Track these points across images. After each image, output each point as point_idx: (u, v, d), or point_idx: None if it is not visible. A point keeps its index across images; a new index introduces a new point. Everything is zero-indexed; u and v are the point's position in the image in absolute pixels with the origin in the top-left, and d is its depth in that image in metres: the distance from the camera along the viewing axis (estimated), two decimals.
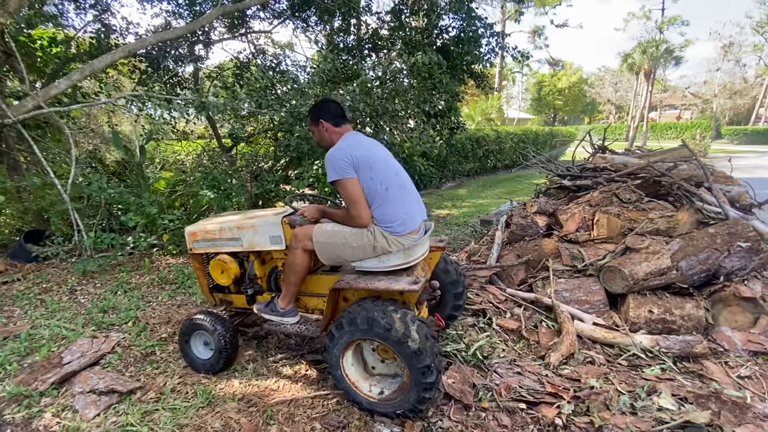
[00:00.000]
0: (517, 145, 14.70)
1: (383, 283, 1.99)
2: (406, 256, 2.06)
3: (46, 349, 2.67)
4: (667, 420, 1.95)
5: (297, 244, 2.15)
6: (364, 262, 2.09)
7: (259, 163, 6.61)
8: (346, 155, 2.00)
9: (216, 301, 2.75)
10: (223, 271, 2.51)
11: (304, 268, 2.21)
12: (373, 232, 2.03)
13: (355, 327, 1.95)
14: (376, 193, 2.02)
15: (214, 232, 2.52)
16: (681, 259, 3.01)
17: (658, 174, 4.10)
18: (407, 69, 6.01)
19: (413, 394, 1.90)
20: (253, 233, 2.39)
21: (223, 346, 2.38)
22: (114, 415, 2.09)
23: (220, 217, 2.83)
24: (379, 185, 2.02)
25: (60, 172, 5.23)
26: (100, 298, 3.57)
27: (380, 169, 2.04)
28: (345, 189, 2.00)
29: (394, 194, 2.05)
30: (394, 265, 2.05)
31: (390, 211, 2.03)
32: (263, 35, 8.29)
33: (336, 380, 2.13)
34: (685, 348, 2.54)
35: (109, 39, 6.34)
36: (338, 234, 2.09)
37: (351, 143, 2.08)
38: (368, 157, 2.03)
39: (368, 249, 2.04)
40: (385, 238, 2.02)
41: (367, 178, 2.01)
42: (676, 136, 30.48)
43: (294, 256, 2.17)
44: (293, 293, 2.30)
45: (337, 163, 2.00)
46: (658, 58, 27.36)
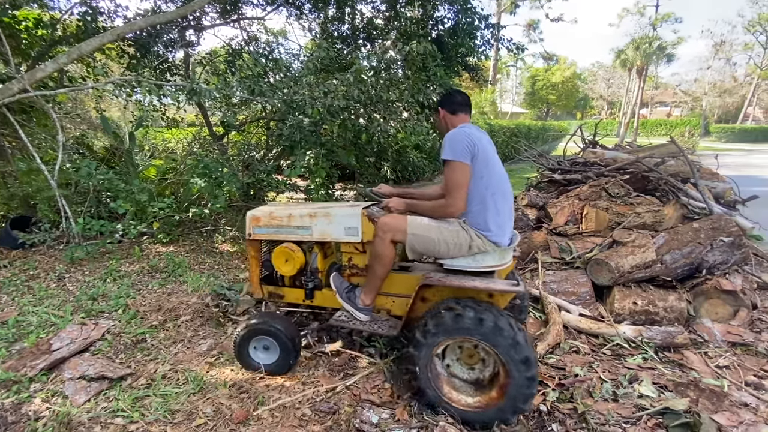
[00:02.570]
0: (509, 138, 14.75)
1: (480, 282, 1.91)
2: (501, 258, 2.00)
3: (35, 335, 2.65)
4: (647, 406, 2.03)
5: (385, 234, 2.03)
6: (457, 260, 2.01)
7: (251, 152, 6.55)
8: (470, 140, 1.93)
9: (264, 294, 2.58)
10: (287, 259, 2.37)
11: (392, 259, 2.09)
12: (468, 232, 1.98)
13: (455, 327, 1.83)
14: (480, 194, 1.96)
15: (281, 219, 2.37)
16: (666, 252, 3.09)
17: (646, 169, 4.17)
18: (402, 59, 5.99)
19: (509, 403, 1.81)
20: (326, 223, 2.27)
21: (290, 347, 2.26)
22: (104, 401, 2.09)
23: (282, 204, 2.68)
24: (485, 189, 1.96)
25: (47, 157, 5.12)
26: (89, 286, 3.54)
27: (493, 171, 1.98)
28: (454, 172, 1.93)
29: (496, 202, 1.98)
30: (488, 265, 1.99)
31: (487, 217, 1.97)
32: (256, 22, 8.15)
33: (415, 378, 1.97)
34: (667, 338, 2.62)
35: (97, 22, 6.17)
36: (435, 228, 2.01)
37: (473, 132, 2.00)
38: (486, 153, 1.96)
39: (464, 247, 1.97)
40: (480, 238, 1.97)
41: (477, 176, 1.95)
42: (666, 132, 30.87)
43: (382, 246, 2.04)
44: (378, 288, 2.18)
45: (457, 144, 1.92)
46: (650, 55, 27.59)
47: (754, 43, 36.46)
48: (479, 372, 2.02)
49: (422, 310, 2.07)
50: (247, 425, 1.94)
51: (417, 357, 1.93)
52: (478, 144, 1.94)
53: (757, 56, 36.63)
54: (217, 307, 3.13)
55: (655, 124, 34.42)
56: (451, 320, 1.84)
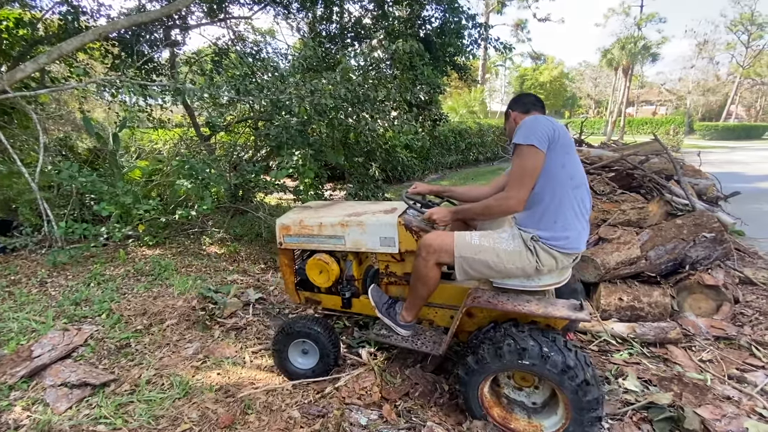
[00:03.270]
0: (499, 138, 14.86)
1: (536, 306, 1.68)
2: (560, 275, 1.78)
3: (15, 342, 2.58)
4: (632, 401, 2.05)
5: (429, 257, 1.81)
6: (510, 279, 1.80)
7: (239, 153, 6.48)
8: (549, 126, 1.64)
9: (301, 300, 2.49)
10: (321, 271, 2.25)
11: (436, 281, 1.89)
12: (535, 250, 1.69)
13: (513, 360, 1.64)
14: (562, 186, 1.66)
15: (312, 228, 2.22)
16: (650, 249, 3.13)
17: (631, 167, 4.23)
18: (389, 57, 5.98)
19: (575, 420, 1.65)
20: (360, 232, 2.11)
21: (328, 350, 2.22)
22: (87, 408, 2.05)
23: (311, 210, 2.50)
24: (569, 179, 1.67)
25: (28, 159, 5.01)
26: (72, 290, 3.46)
27: (576, 162, 1.72)
28: (523, 158, 1.63)
29: (577, 199, 1.69)
30: (545, 285, 1.77)
31: (562, 220, 1.68)
32: (243, 21, 8.07)
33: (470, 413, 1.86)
34: (660, 334, 2.66)
35: (79, 21, 6.05)
36: (490, 251, 1.75)
37: (555, 121, 1.70)
38: (567, 139, 1.68)
39: (530, 270, 1.71)
40: (553, 257, 1.69)
41: (558, 164, 1.65)
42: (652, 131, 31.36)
43: (426, 269, 1.83)
44: (419, 307, 2.02)
45: (531, 128, 1.64)
46: (636, 55, 28.03)
47: (736, 42, 37.32)
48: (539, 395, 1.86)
49: (469, 326, 1.91)
50: (233, 429, 1.91)
51: (467, 382, 1.79)
52: (560, 130, 1.66)
53: (739, 55, 37.50)
54: (203, 310, 3.09)
55: (641, 123, 34.95)
56: (509, 353, 1.64)
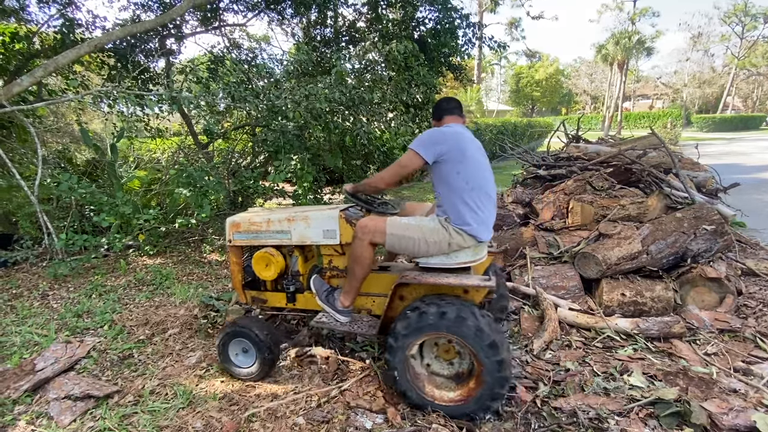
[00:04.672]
0: (496, 136, 14.87)
1: (454, 279, 1.92)
2: (474, 254, 2.03)
3: (18, 356, 2.58)
4: (638, 397, 2.04)
5: (364, 236, 2.05)
6: (432, 258, 2.04)
7: (237, 159, 6.49)
8: (443, 141, 1.98)
9: (248, 299, 2.61)
10: (267, 264, 2.40)
11: (371, 261, 2.12)
12: (447, 228, 1.99)
13: (429, 323, 1.87)
14: (459, 189, 1.97)
15: (260, 224, 2.39)
16: (651, 243, 3.13)
17: (629, 162, 4.22)
18: (383, 59, 5.99)
19: (486, 391, 1.86)
20: (305, 226, 2.29)
21: (264, 353, 2.28)
22: (91, 420, 2.04)
23: (267, 210, 2.72)
24: (465, 183, 1.97)
25: (27, 173, 5.01)
26: (73, 302, 3.46)
27: (472, 168, 1.99)
28: (405, 156, 2.02)
29: (475, 198, 1.98)
30: (462, 262, 2.02)
31: (465, 213, 1.97)
32: (237, 28, 8.10)
33: (395, 382, 2.02)
34: (664, 329, 2.64)
35: (75, 33, 6.07)
36: (415, 228, 2.03)
37: (455, 131, 2.04)
38: (463, 151, 1.98)
39: (443, 245, 1.98)
40: (460, 234, 1.98)
41: (453, 172, 1.97)
42: (649, 125, 31.39)
43: (361, 249, 2.07)
44: (357, 289, 2.20)
45: (427, 141, 1.99)
46: (630, 49, 28.07)
47: (730, 34, 37.39)
48: (458, 366, 2.06)
49: (400, 308, 2.07)
50: None
51: (393, 361, 1.98)
52: (452, 143, 1.98)
53: (734, 47, 37.58)
54: (205, 318, 3.09)
55: (638, 117, 34.96)
56: (416, 319, 1.89)
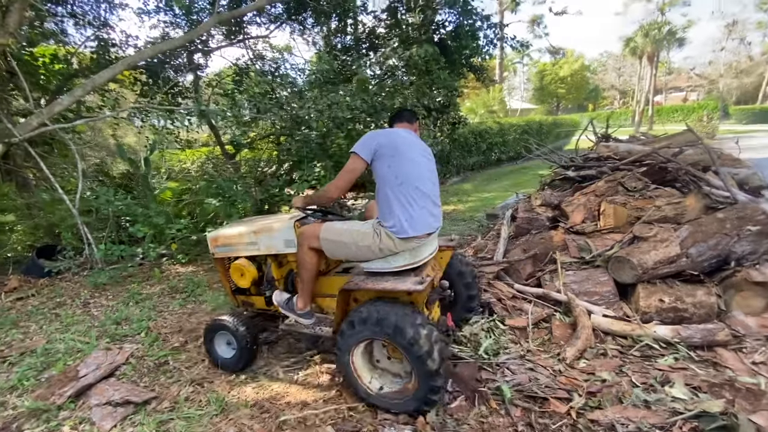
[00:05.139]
0: (520, 136, 14.58)
1: (390, 283, 2.02)
2: (413, 257, 2.09)
3: (62, 363, 2.72)
4: (681, 411, 1.94)
5: (304, 242, 2.21)
6: (372, 263, 2.12)
7: (262, 168, 6.65)
8: (375, 137, 2.08)
9: (239, 303, 2.86)
10: (242, 274, 2.62)
11: (314, 266, 2.25)
12: (379, 233, 2.04)
13: (366, 326, 1.99)
14: (389, 184, 2.03)
15: (233, 237, 2.61)
16: (690, 245, 2.97)
17: (664, 160, 4.03)
18: (404, 64, 6.00)
19: (420, 394, 1.95)
20: (269, 237, 2.46)
21: (244, 346, 2.49)
22: (130, 426, 2.13)
23: (239, 223, 2.91)
24: (394, 177, 2.02)
25: (68, 187, 5.31)
26: (112, 310, 3.63)
27: (402, 163, 2.04)
28: (349, 161, 2.08)
29: (405, 192, 2.02)
30: (400, 265, 2.08)
31: (395, 210, 2.00)
32: (261, 40, 8.31)
33: (346, 377, 2.19)
34: (707, 336, 2.50)
35: (109, 53, 6.41)
36: (346, 233, 2.12)
37: (391, 131, 2.18)
38: (394, 146, 2.05)
39: (375, 249, 2.04)
40: (391, 239, 2.01)
41: (384, 165, 2.04)
42: (683, 118, 29.97)
43: (302, 254, 2.23)
44: (308, 292, 2.33)
45: (363, 140, 2.09)
46: (660, 41, 26.94)
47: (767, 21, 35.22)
48: (406, 364, 2.09)
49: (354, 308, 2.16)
50: None
51: (342, 359, 2.13)
52: (383, 138, 2.07)
53: None
54: None
55: (670, 111, 33.41)
56: (354, 322, 2.03)
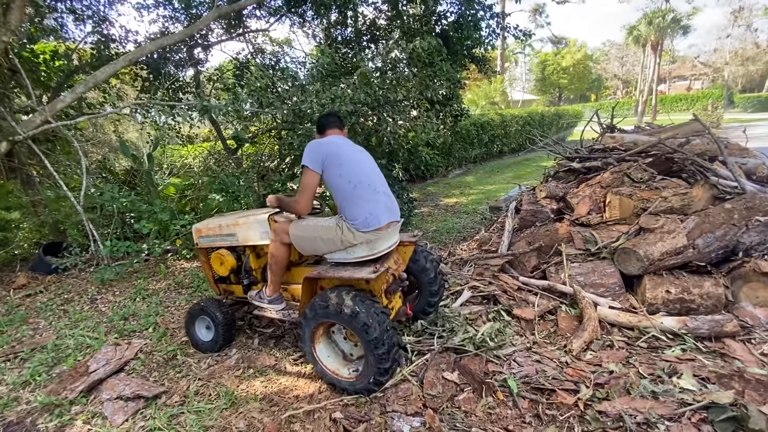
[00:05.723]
0: (523, 128, 14.47)
1: (347, 272, 2.18)
2: (370, 249, 2.22)
3: (73, 358, 2.75)
4: (689, 401, 1.94)
5: (276, 237, 2.40)
6: (335, 254, 2.27)
7: (264, 163, 6.63)
8: (321, 149, 2.23)
9: (220, 291, 3.01)
10: (221, 263, 2.78)
11: (284, 259, 2.45)
12: (341, 226, 2.19)
13: (323, 311, 2.14)
14: (344, 190, 2.19)
15: (214, 229, 2.77)
16: (697, 236, 2.96)
17: (670, 151, 4.00)
18: (406, 56, 5.92)
19: (371, 370, 2.12)
20: (246, 230, 2.62)
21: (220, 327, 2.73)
22: (142, 420, 2.15)
23: (222, 216, 3.04)
24: (348, 183, 2.18)
25: (72, 183, 5.31)
26: (120, 306, 3.65)
27: (350, 168, 2.22)
28: (304, 176, 2.24)
29: (360, 193, 2.18)
30: (359, 256, 2.22)
31: (355, 209, 2.16)
32: (261, 34, 8.24)
33: (308, 357, 2.35)
34: (715, 327, 2.49)
35: (109, 49, 6.37)
36: (311, 228, 2.30)
37: (331, 141, 2.33)
38: (338, 155, 2.22)
39: (336, 242, 2.20)
40: (351, 232, 2.17)
41: (335, 175, 2.20)
42: (687, 107, 29.67)
43: (273, 248, 2.42)
44: (277, 282, 2.54)
45: (310, 153, 2.23)
46: (665, 29, 26.55)
47: None
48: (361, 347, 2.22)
49: None
50: None
51: (304, 341, 2.30)
52: (328, 149, 2.23)
53: None
54: (242, 320, 3.18)
55: (674, 100, 33.09)
56: (314, 307, 2.19)
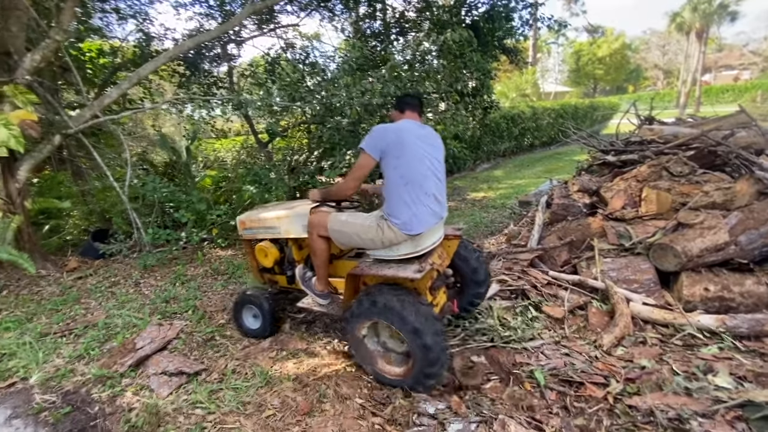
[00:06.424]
0: (555, 120, 14.06)
1: (391, 270, 2.13)
2: (414, 246, 2.17)
3: (121, 336, 2.97)
4: (724, 399, 1.89)
5: (312, 230, 2.39)
6: (376, 251, 2.24)
7: (294, 156, 6.79)
8: (384, 136, 2.10)
9: (264, 281, 3.08)
10: (265, 255, 2.84)
11: (324, 251, 2.42)
12: (382, 227, 2.12)
13: (370, 310, 2.12)
14: (395, 184, 2.09)
15: (257, 221, 2.82)
16: (740, 233, 2.83)
17: (713, 143, 3.82)
18: (437, 49, 5.89)
19: (419, 369, 2.08)
20: (288, 222, 2.63)
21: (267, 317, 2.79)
22: (185, 394, 2.30)
23: (264, 208, 3.09)
24: (400, 178, 2.07)
25: (116, 175, 5.65)
26: (161, 290, 3.88)
27: (408, 164, 2.08)
28: (360, 158, 2.15)
29: (409, 193, 2.07)
30: (403, 254, 2.17)
31: (400, 208, 2.08)
32: (291, 29, 8.39)
33: (355, 355, 2.34)
34: (756, 327, 2.40)
35: (150, 46, 6.68)
36: (350, 224, 2.25)
37: (399, 127, 2.15)
38: (401, 146, 2.07)
39: (377, 242, 2.15)
40: (393, 231, 2.10)
41: (391, 167, 2.09)
42: (734, 99, 27.84)
43: (312, 241, 2.42)
44: (323, 276, 2.51)
45: (373, 138, 2.11)
46: (711, 15, 24.95)
47: None
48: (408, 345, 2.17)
49: None
50: (312, 416, 2.05)
51: (350, 338, 2.29)
52: (392, 138, 2.08)
53: None
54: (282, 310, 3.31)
55: (720, 91, 31.13)
56: (358, 305, 2.17)
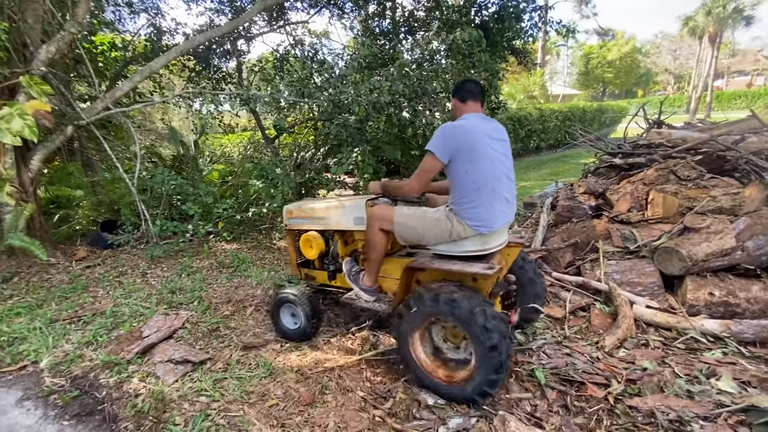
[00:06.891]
0: (562, 123, 14.00)
1: (458, 265, 2.01)
2: (482, 243, 2.05)
3: (128, 324, 3.01)
4: (727, 403, 1.89)
5: (374, 223, 2.25)
6: (441, 246, 2.13)
7: (301, 153, 6.83)
8: (455, 138, 2.00)
9: (302, 276, 3.03)
10: (311, 245, 2.75)
11: (383, 246, 2.28)
12: (451, 219, 2.04)
13: (432, 307, 1.95)
14: (466, 188, 2.00)
15: (307, 211, 2.79)
16: (748, 238, 2.82)
17: (723, 148, 3.79)
18: (445, 48, 5.89)
19: (482, 376, 1.88)
20: (340, 214, 2.58)
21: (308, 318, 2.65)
22: (190, 382, 2.34)
23: (315, 199, 3.03)
24: (472, 183, 1.99)
25: (125, 167, 5.72)
26: (167, 280, 3.93)
27: (481, 167, 1.99)
28: (425, 159, 2.08)
29: (482, 197, 1.99)
30: (469, 250, 2.06)
31: (471, 211, 2.00)
32: (300, 26, 8.43)
33: (403, 359, 2.16)
34: (761, 332, 2.40)
35: (161, 40, 6.75)
36: (417, 217, 2.16)
37: (467, 127, 2.04)
38: (473, 148, 1.99)
39: (445, 235, 2.06)
40: (462, 225, 2.02)
41: (461, 171, 2.00)
42: (746, 105, 27.51)
43: (371, 234, 2.27)
44: (375, 271, 2.39)
45: (441, 139, 2.03)
46: (725, 19, 24.67)
47: None
48: (464, 350, 2.08)
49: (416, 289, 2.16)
50: (314, 407, 2.08)
51: (399, 339, 2.14)
52: (462, 139, 1.99)
53: None
54: None
55: (732, 97, 30.77)
56: (417, 301, 2.01)
